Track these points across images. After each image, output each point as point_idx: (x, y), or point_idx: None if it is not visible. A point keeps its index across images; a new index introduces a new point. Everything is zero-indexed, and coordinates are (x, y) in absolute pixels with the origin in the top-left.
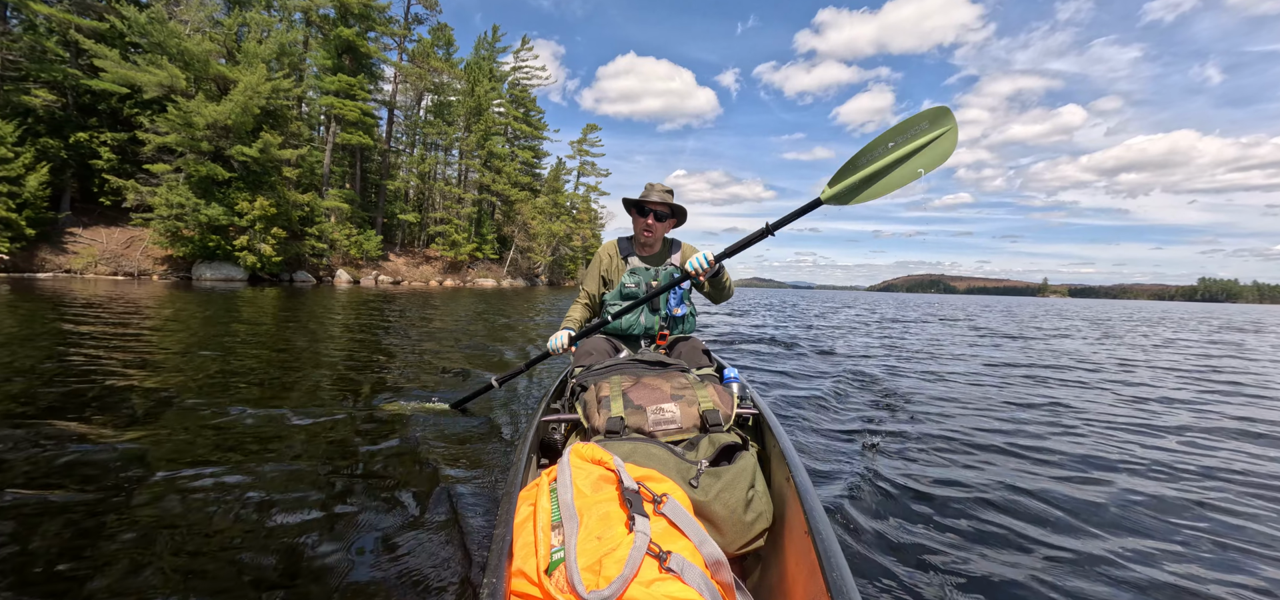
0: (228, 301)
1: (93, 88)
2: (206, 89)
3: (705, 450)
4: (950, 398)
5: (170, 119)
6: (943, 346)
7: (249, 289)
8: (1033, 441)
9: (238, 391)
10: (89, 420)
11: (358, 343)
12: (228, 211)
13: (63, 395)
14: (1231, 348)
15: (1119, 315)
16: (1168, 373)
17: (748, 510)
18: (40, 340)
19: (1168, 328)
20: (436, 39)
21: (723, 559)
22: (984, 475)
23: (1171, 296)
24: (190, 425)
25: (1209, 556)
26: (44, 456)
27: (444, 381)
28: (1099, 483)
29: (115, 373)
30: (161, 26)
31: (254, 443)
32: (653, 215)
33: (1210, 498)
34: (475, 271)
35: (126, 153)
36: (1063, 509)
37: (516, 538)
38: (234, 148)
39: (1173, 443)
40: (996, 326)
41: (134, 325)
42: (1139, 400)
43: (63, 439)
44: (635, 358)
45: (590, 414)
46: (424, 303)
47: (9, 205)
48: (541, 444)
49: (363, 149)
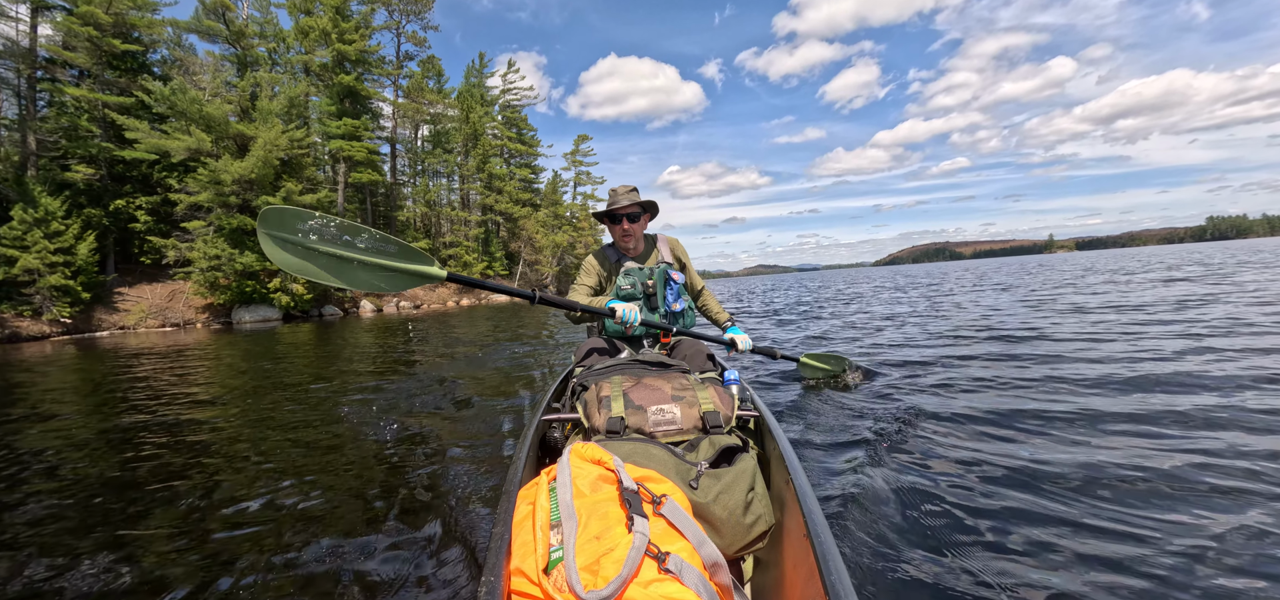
0: (268, 339)
1: (125, 157)
2: (227, 148)
3: (705, 452)
4: (951, 394)
5: (200, 178)
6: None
7: (285, 326)
8: (1034, 441)
9: (275, 408)
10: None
11: (372, 358)
12: (260, 258)
13: (154, 427)
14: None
15: (1103, 268)
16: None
17: (747, 512)
18: (128, 389)
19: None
20: (426, 71)
21: (721, 561)
22: (985, 473)
23: (1181, 239)
24: (240, 435)
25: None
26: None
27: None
28: (1100, 481)
29: (181, 406)
30: (185, 96)
31: (273, 442)
32: (625, 219)
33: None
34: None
35: (160, 213)
36: (1062, 510)
37: (515, 536)
38: (259, 198)
39: (1173, 430)
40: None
41: (195, 368)
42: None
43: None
44: (636, 358)
45: (590, 413)
46: (443, 322)
47: (66, 274)
48: (542, 443)
49: (371, 185)
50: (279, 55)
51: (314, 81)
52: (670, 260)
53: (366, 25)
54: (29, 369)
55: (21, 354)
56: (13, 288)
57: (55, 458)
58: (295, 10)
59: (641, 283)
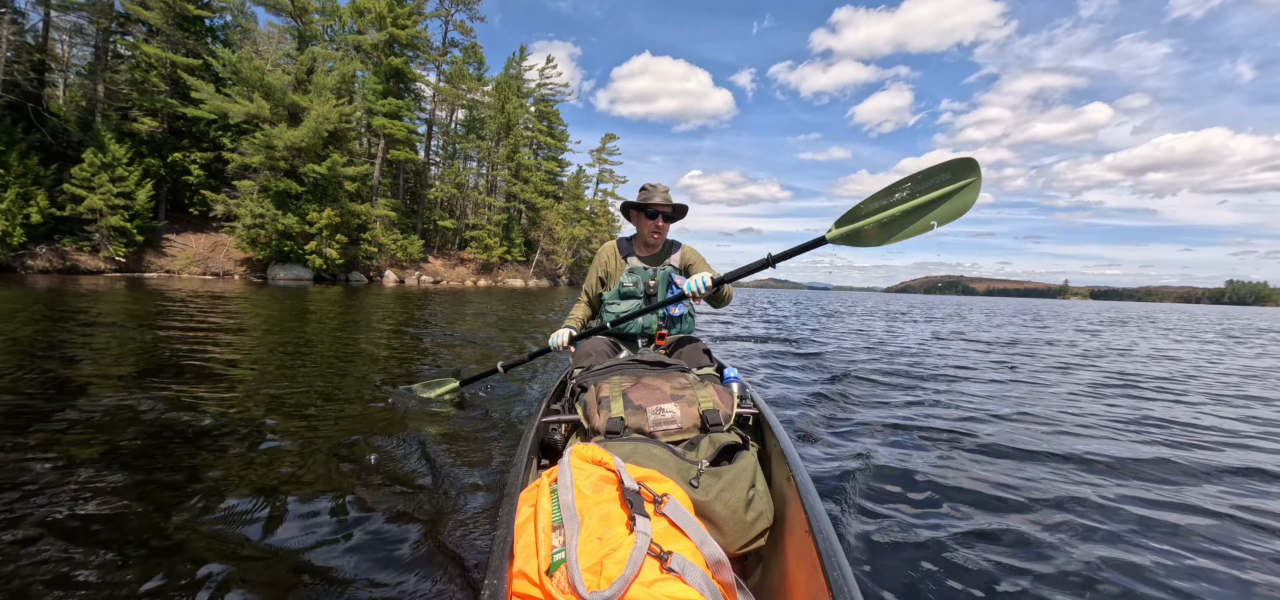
0: (299, 297)
1: (185, 114)
2: (281, 115)
3: (705, 450)
4: (952, 394)
5: (254, 142)
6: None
7: (315, 287)
8: (1035, 442)
9: (293, 375)
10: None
11: (402, 332)
12: (300, 220)
13: (182, 369)
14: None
15: (1096, 319)
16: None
17: (748, 510)
18: (180, 326)
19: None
20: (468, 58)
21: (724, 559)
22: (985, 474)
23: (1198, 299)
24: (254, 400)
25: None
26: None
27: (461, 359)
28: (1102, 479)
29: (207, 351)
30: (250, 64)
31: (281, 418)
32: (660, 217)
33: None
34: (505, 272)
35: (211, 169)
36: (1064, 508)
37: (517, 539)
38: (306, 166)
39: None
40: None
41: (233, 316)
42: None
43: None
44: (635, 358)
45: (590, 414)
46: (459, 300)
47: (124, 216)
48: (542, 445)
49: (407, 162)
50: (335, 32)
51: (364, 59)
52: (677, 266)
53: (419, 11)
54: (96, 299)
55: (78, 285)
56: (76, 224)
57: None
58: None
59: (644, 282)
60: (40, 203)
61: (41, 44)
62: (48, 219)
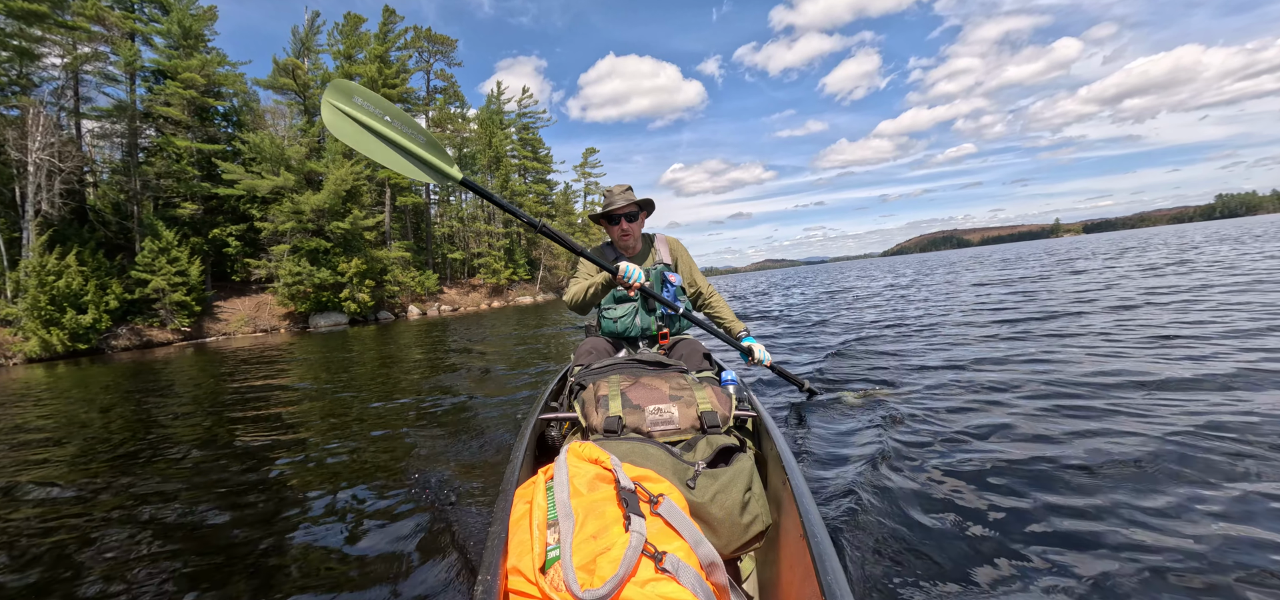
0: (342, 339)
1: (219, 194)
2: (301, 184)
3: (703, 451)
4: (951, 391)
5: (283, 209)
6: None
7: (351, 329)
8: (1037, 437)
9: (342, 411)
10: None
11: (410, 361)
12: (333, 272)
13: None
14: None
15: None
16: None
17: (744, 512)
18: (267, 380)
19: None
20: (448, 97)
21: (718, 560)
22: (986, 472)
23: (1191, 217)
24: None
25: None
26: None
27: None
28: (1103, 482)
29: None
30: (271, 142)
31: (300, 434)
32: (624, 219)
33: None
34: (514, 292)
35: (245, 239)
36: (1063, 510)
37: (512, 535)
38: (331, 224)
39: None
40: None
41: (294, 366)
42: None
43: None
44: (634, 358)
45: (588, 413)
46: (477, 322)
47: (183, 292)
48: (539, 442)
49: (415, 205)
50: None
51: None
52: (668, 261)
53: (404, 68)
54: (171, 368)
55: (154, 357)
56: (144, 304)
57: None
58: (340, 57)
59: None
60: (116, 290)
61: (77, 148)
62: (122, 303)
